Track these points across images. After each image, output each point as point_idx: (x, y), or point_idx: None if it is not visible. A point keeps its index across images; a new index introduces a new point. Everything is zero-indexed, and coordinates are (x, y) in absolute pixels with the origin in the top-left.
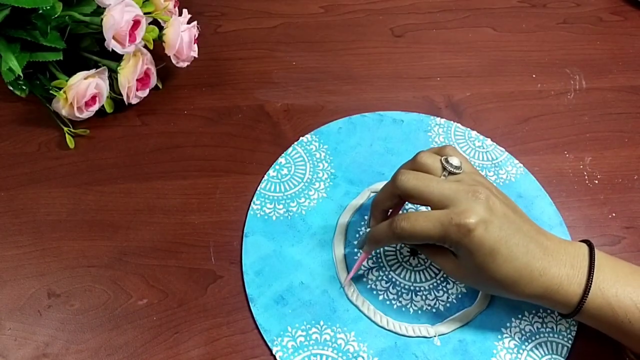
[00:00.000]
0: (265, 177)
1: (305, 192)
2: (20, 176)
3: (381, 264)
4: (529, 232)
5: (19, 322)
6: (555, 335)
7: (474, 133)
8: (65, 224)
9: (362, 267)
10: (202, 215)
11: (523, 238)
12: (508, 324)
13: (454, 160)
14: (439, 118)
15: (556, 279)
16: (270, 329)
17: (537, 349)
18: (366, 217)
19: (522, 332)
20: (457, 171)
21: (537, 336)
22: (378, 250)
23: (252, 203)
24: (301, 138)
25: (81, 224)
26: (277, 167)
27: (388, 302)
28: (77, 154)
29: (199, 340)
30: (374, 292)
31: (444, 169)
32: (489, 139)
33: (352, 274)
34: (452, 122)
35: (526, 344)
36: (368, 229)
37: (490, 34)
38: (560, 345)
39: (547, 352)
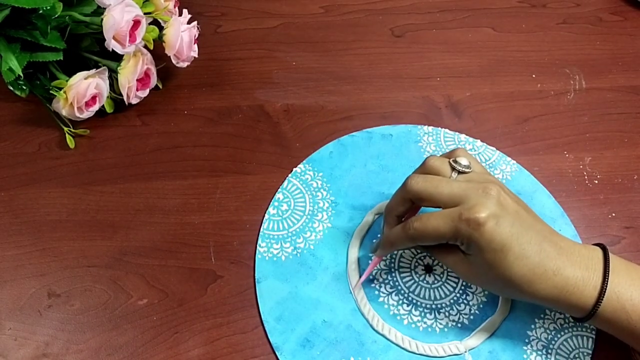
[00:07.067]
0: (266, 215)
1: (310, 225)
2: (20, 176)
3: (399, 287)
4: (542, 231)
5: (19, 322)
6: (579, 328)
7: (462, 136)
8: (65, 224)
9: (381, 294)
10: (202, 215)
11: (536, 236)
12: (532, 326)
13: (463, 160)
14: (426, 126)
15: (571, 280)
16: None
17: (564, 345)
18: (374, 241)
19: (547, 331)
20: (467, 170)
21: (562, 332)
22: (394, 274)
23: (257, 246)
24: (294, 169)
25: (81, 224)
26: (275, 203)
27: (413, 326)
28: (77, 154)
29: (199, 340)
30: (398, 318)
31: (453, 169)
32: (478, 140)
33: (363, 277)
34: (439, 128)
35: (553, 342)
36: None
37: (490, 34)
38: (585, 338)
39: (574, 347)
